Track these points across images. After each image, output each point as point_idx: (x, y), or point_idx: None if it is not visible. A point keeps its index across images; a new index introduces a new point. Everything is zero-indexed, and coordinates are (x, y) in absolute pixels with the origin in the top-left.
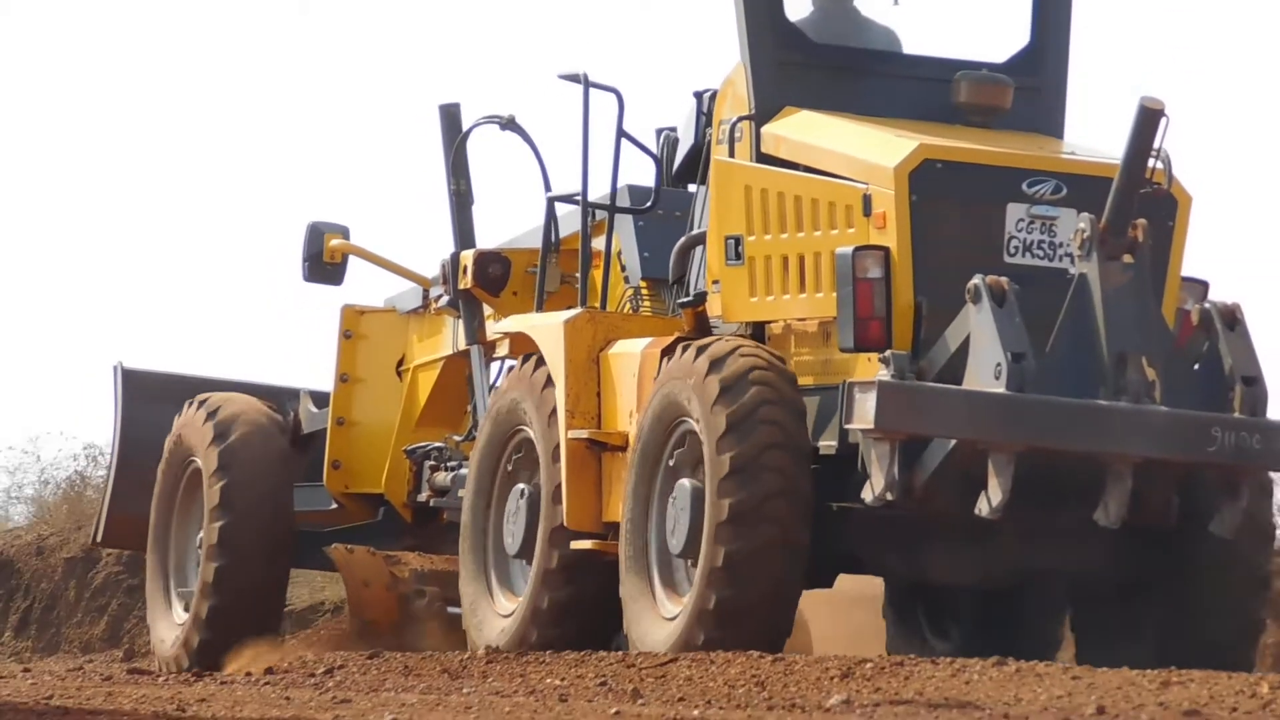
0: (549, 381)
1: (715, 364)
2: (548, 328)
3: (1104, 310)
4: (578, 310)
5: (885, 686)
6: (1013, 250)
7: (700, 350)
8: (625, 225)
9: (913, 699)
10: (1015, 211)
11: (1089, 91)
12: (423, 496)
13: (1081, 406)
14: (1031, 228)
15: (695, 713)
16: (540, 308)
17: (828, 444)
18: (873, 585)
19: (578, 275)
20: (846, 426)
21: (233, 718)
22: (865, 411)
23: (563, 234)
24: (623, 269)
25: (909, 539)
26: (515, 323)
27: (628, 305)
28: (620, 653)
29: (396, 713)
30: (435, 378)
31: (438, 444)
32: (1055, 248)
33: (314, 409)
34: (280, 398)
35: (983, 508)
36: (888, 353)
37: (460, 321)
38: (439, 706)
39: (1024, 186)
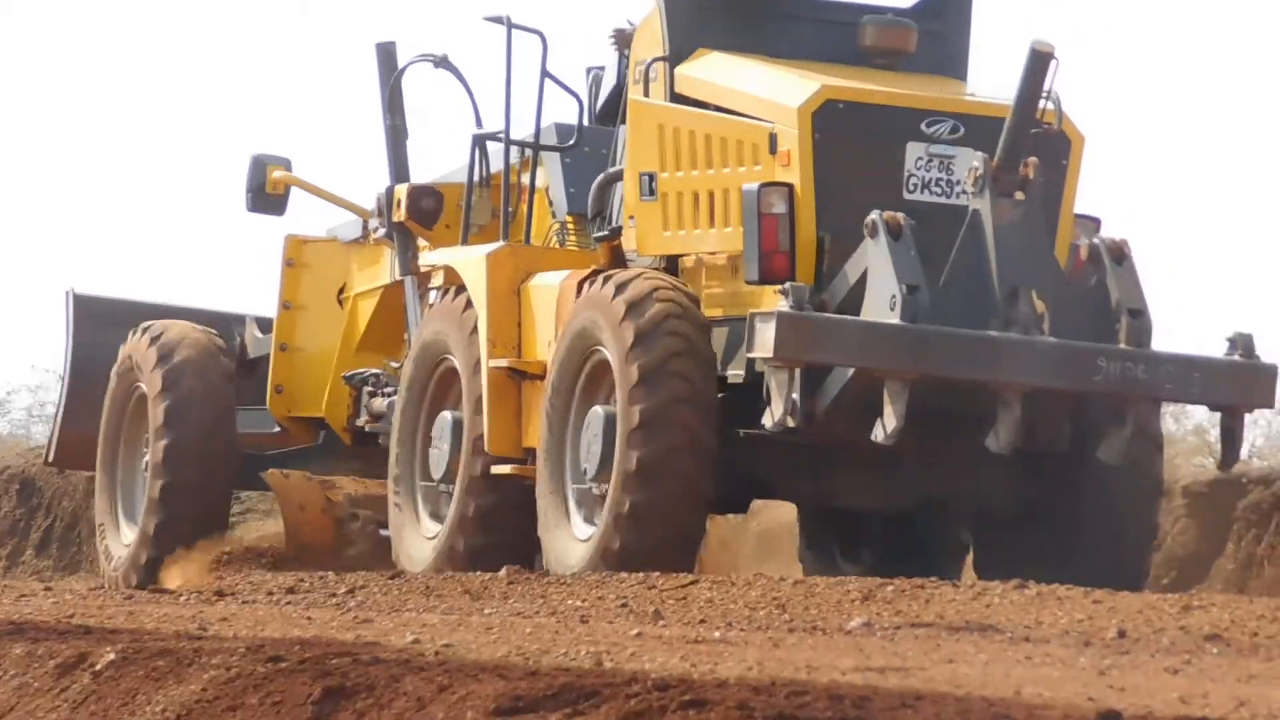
0: (471, 310)
1: (621, 287)
2: (470, 261)
3: (995, 245)
4: (500, 244)
5: (905, 609)
6: (912, 187)
7: (608, 279)
8: (552, 162)
9: (933, 622)
10: (914, 150)
11: (997, 36)
12: (361, 421)
13: (973, 337)
14: (930, 166)
15: (716, 634)
16: (465, 241)
17: (735, 373)
18: (790, 511)
19: (510, 210)
20: (748, 355)
21: (254, 637)
22: (765, 341)
23: (493, 170)
24: (550, 204)
25: (815, 465)
26: (440, 256)
27: (554, 239)
28: (642, 574)
29: (418, 633)
30: (374, 305)
31: (376, 370)
32: (952, 185)
33: (259, 334)
34: (227, 324)
35: (879, 434)
36: (787, 285)
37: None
38: (460, 627)
39: (923, 126)
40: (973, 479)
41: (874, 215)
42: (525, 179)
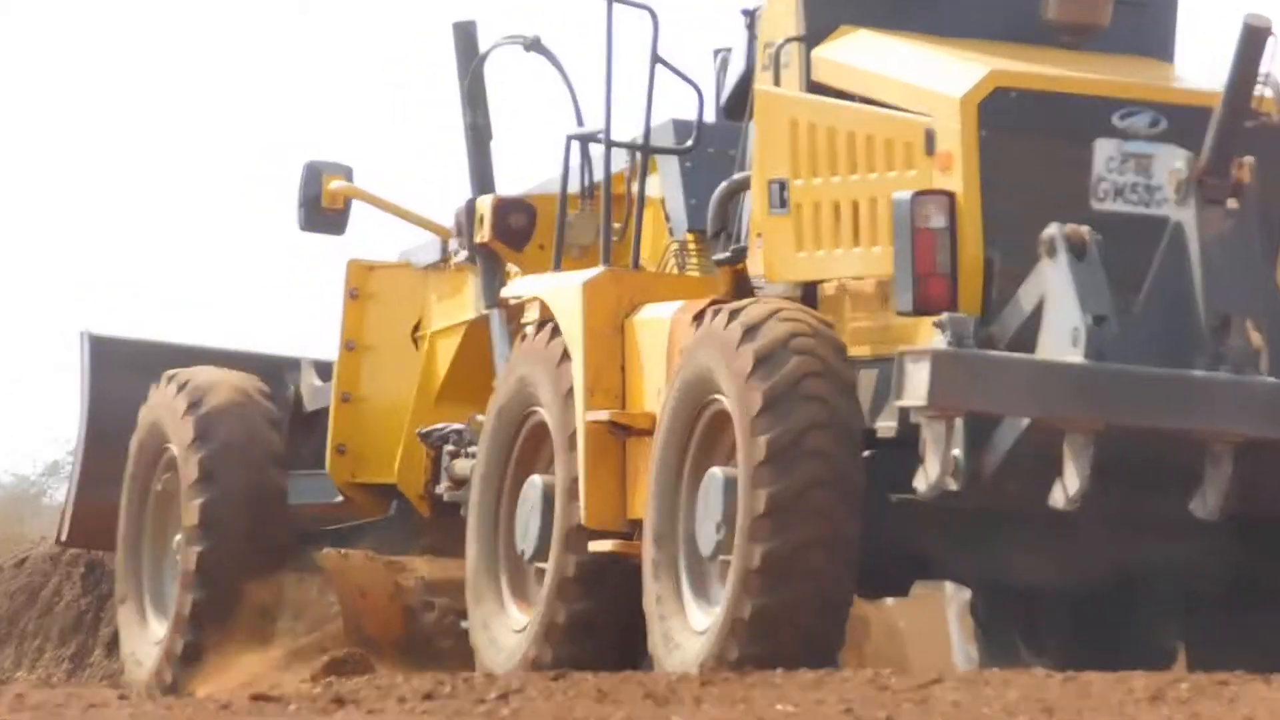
0: (565, 354)
1: (750, 331)
2: (563, 290)
3: (1202, 265)
4: (600, 269)
5: (1205, 712)
6: (1101, 195)
7: (733, 315)
8: (668, 167)
9: None
10: (1105, 148)
11: (1208, 9)
12: (441, 488)
13: (1173, 378)
14: (1124, 168)
15: None
16: (558, 266)
17: (886, 425)
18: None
19: (616, 225)
20: (897, 403)
21: None
22: (918, 386)
23: (598, 178)
24: (666, 219)
25: (982, 536)
26: (526, 285)
27: (672, 263)
28: (870, 671)
29: None
30: (457, 345)
31: (459, 425)
32: (1152, 191)
33: (318, 382)
34: (278, 370)
35: (1058, 498)
36: (944, 316)
37: None
38: None
39: (1115, 119)
40: (1176, 551)
41: (1053, 229)
42: (635, 188)
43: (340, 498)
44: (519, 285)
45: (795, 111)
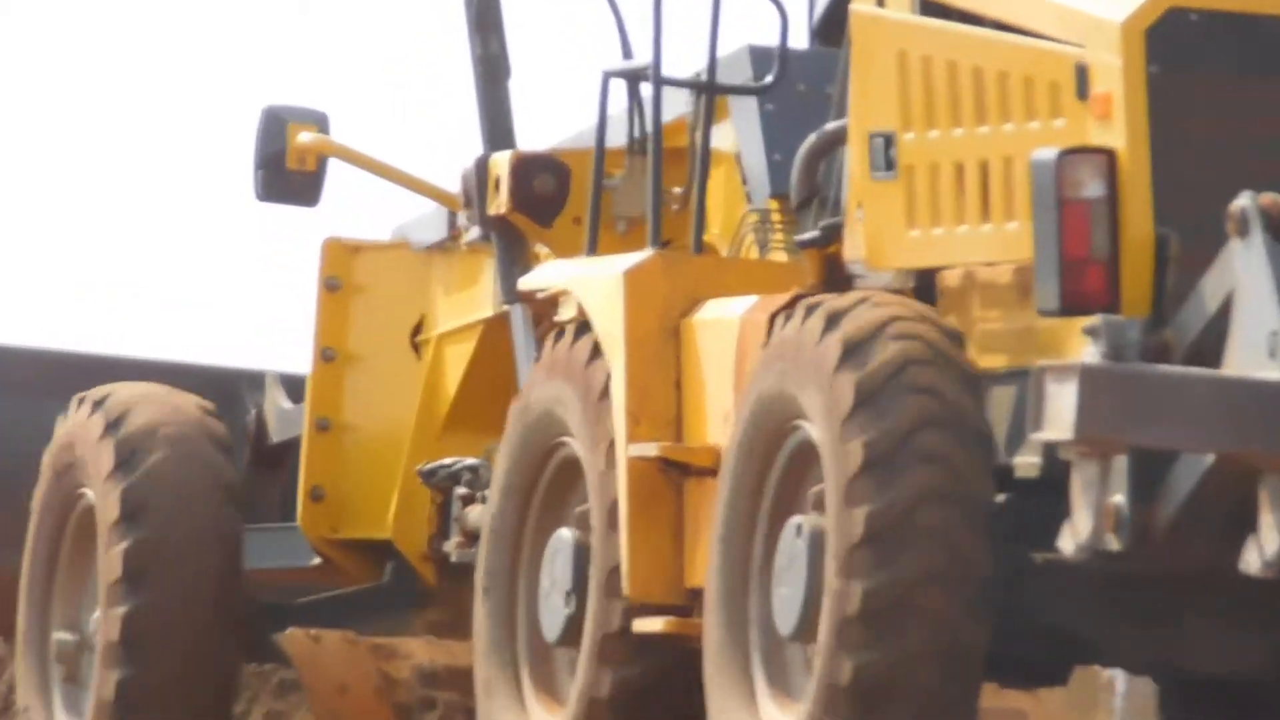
0: (603, 367)
1: (833, 319)
2: (598, 281)
3: None
4: (648, 252)
5: None
6: None
7: (832, 321)
8: (746, 112)
9: None
10: None
11: None
12: (450, 545)
13: None
14: None
15: None
16: (594, 248)
17: (1028, 461)
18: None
19: (675, 190)
20: (1034, 436)
21: None
22: (1062, 413)
23: (651, 126)
24: (743, 181)
25: (1158, 610)
26: (551, 272)
27: (751, 240)
28: None
29: None
30: (471, 353)
31: (473, 460)
32: None
33: (287, 404)
34: (231, 387)
35: (1253, 560)
36: (1099, 319)
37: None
38: None
39: None
40: None
41: (1244, 200)
42: (698, 140)
43: (316, 560)
44: (542, 273)
45: (904, 40)
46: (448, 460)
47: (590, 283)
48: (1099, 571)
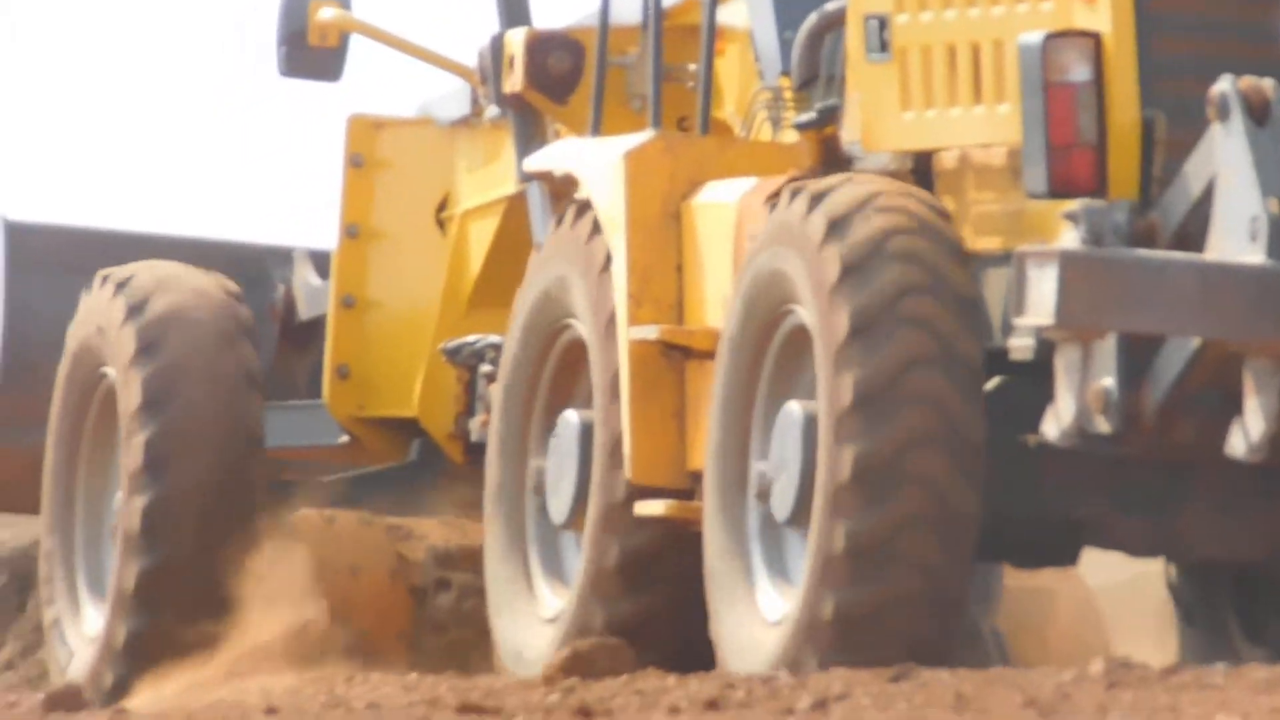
0: (606, 249)
1: (836, 226)
2: (599, 163)
3: None
4: (648, 134)
5: None
6: None
7: (815, 200)
8: None
9: None
10: None
11: None
12: (475, 422)
13: None
14: None
15: None
16: (598, 128)
17: (1022, 344)
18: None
19: (690, 67)
20: (1016, 321)
21: None
22: (1043, 299)
23: (663, 3)
24: (756, 59)
25: (1152, 493)
26: (555, 154)
27: (763, 117)
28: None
29: None
30: (495, 229)
31: (498, 338)
32: None
33: (317, 281)
34: (260, 264)
35: (1238, 445)
36: (1078, 205)
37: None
38: None
39: None
40: None
41: (1224, 84)
42: (706, 17)
43: (344, 438)
44: (548, 154)
45: None
46: (471, 338)
47: (592, 165)
48: (1093, 455)
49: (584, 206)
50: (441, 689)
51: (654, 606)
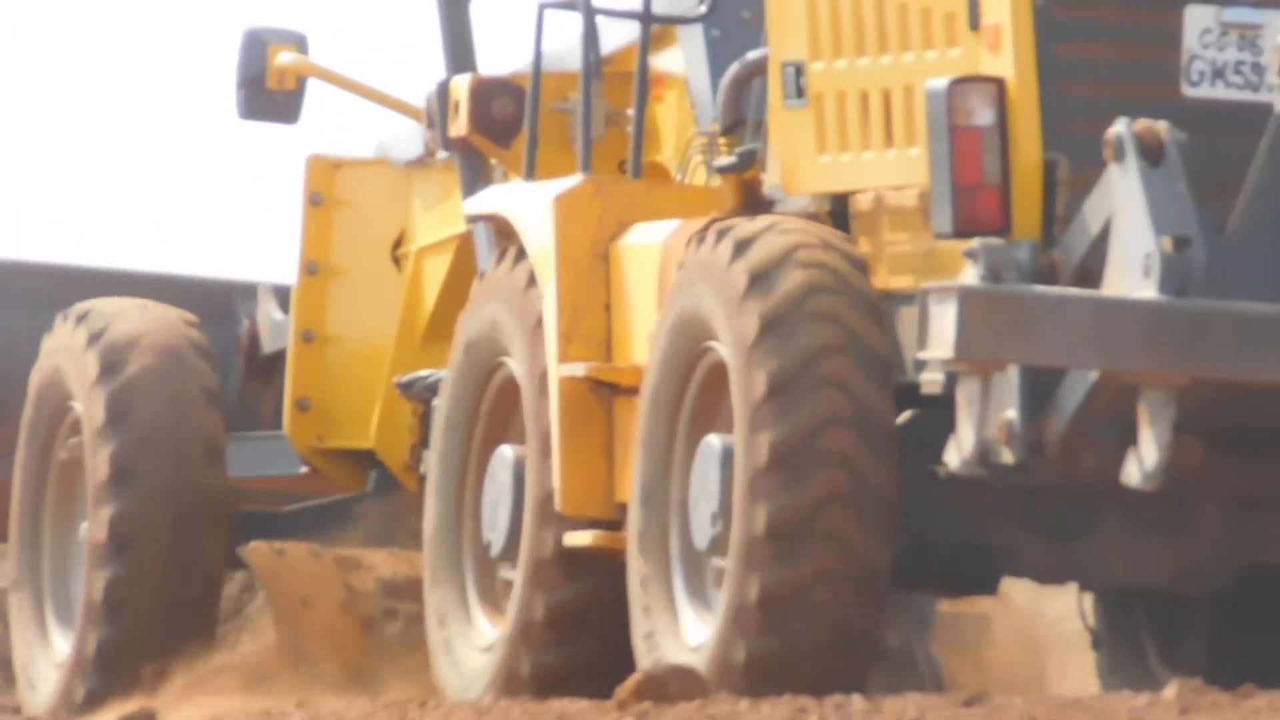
0: (537, 289)
1: (741, 246)
2: (531, 206)
3: None
4: (577, 178)
5: None
6: (1195, 77)
7: (740, 247)
8: (691, 36)
9: None
10: (1199, 18)
11: None
12: (430, 455)
13: (1277, 316)
14: (1224, 43)
15: None
16: (531, 173)
17: (932, 378)
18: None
19: (630, 112)
20: (919, 355)
21: None
22: (943, 333)
23: (605, 50)
24: (692, 106)
25: (1062, 522)
26: (489, 198)
27: (697, 160)
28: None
29: None
30: (448, 266)
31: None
32: (1261, 72)
33: (280, 315)
34: (226, 298)
35: (1133, 474)
36: (977, 243)
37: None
38: None
39: None
40: None
41: (1119, 127)
42: (639, 66)
43: (304, 468)
44: (484, 198)
45: None
46: (424, 372)
47: (524, 208)
48: (1003, 485)
49: (521, 250)
50: (515, 712)
51: (581, 656)
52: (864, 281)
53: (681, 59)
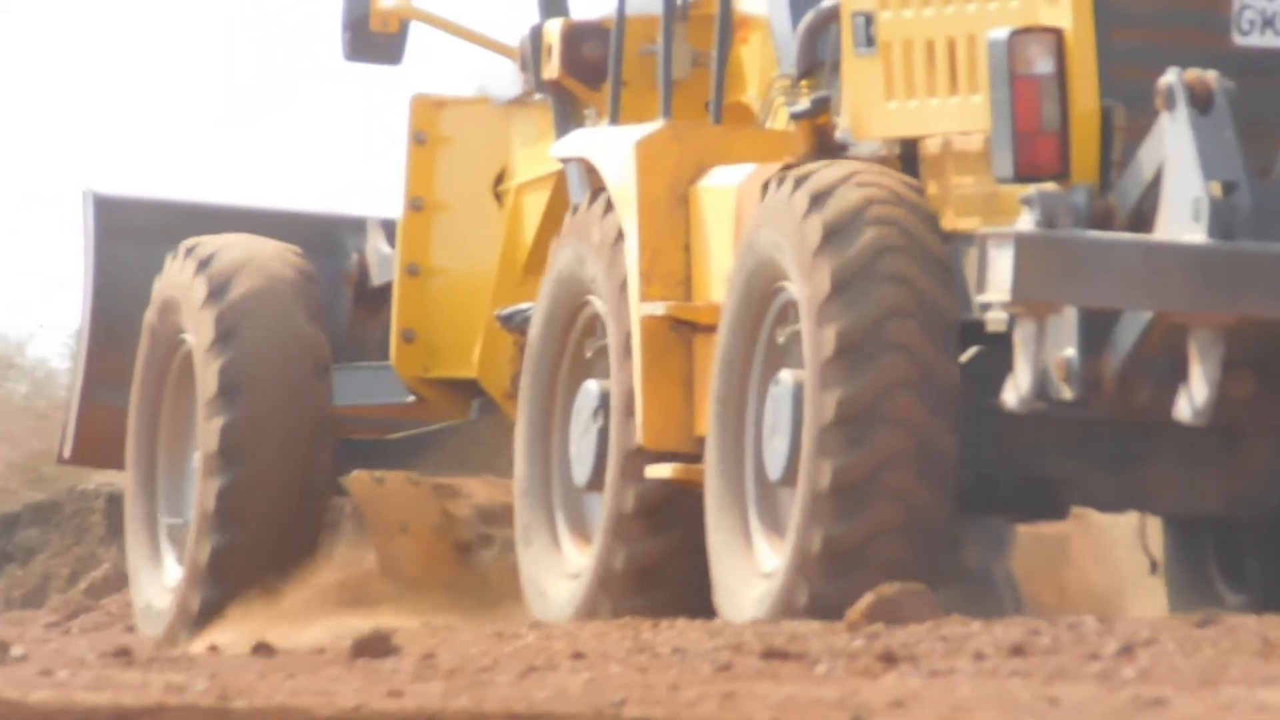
0: (620, 231)
1: (818, 199)
2: (613, 151)
3: None
4: (659, 123)
5: None
6: (1245, 26)
7: (800, 181)
8: None
9: None
10: None
11: None
12: None
13: None
14: None
15: None
16: (616, 116)
17: (996, 316)
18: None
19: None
20: (980, 298)
21: None
22: (1000, 277)
23: None
24: (775, 47)
25: (1119, 453)
26: (574, 142)
27: (779, 102)
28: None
29: None
30: (547, 202)
31: None
32: None
33: (388, 249)
34: (335, 233)
35: (1184, 409)
36: (1033, 190)
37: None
38: None
39: None
40: None
41: (1170, 76)
42: (720, 10)
43: (410, 397)
44: (569, 142)
45: None
46: (524, 305)
47: (606, 152)
48: (1062, 419)
49: (602, 192)
50: (746, 634)
51: (666, 561)
52: (934, 237)
53: (764, 0)
